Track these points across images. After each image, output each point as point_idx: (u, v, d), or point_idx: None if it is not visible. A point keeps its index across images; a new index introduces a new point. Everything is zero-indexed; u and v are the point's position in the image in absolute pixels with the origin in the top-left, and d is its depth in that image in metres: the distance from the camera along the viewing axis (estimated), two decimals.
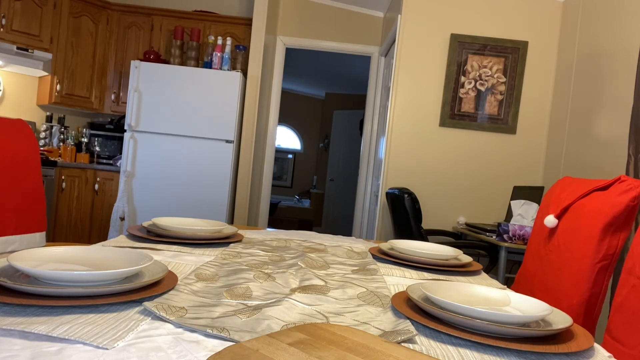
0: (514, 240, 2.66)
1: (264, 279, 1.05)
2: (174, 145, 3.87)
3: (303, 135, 9.04)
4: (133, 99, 3.82)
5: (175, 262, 1.12)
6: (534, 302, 0.90)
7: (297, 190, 9.08)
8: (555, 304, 1.34)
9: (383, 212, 3.78)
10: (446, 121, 3.66)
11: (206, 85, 3.87)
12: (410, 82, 3.69)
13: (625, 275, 1.09)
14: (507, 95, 3.63)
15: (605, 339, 1.09)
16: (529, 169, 3.67)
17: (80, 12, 4.19)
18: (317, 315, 0.83)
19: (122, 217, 3.82)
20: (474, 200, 3.68)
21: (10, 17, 3.75)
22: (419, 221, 3.05)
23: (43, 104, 4.24)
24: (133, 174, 3.86)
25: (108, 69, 4.39)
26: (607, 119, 2.85)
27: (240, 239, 1.50)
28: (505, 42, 3.62)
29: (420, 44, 3.68)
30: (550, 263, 1.45)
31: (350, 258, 1.40)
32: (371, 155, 4.60)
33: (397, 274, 1.25)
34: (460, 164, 3.68)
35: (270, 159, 4.71)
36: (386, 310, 0.90)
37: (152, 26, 4.37)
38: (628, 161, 2.48)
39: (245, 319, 0.77)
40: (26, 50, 3.82)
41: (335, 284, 1.07)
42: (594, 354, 0.76)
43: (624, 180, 1.27)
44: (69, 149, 4.18)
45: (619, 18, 2.84)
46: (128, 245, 1.24)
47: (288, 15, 4.62)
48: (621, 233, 1.26)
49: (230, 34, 4.34)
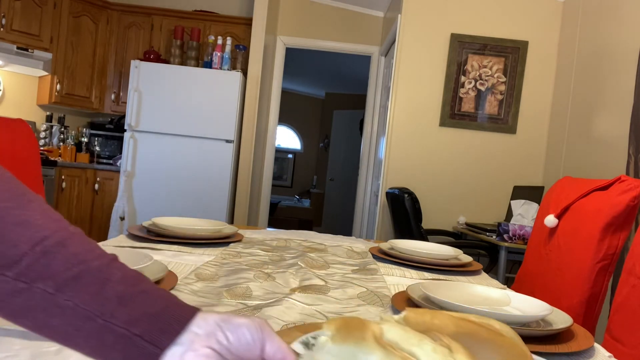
0: (514, 240, 2.66)
1: (264, 278, 1.05)
2: (174, 145, 3.87)
3: (303, 135, 9.04)
4: (133, 99, 3.82)
5: (175, 262, 1.12)
6: (534, 302, 0.90)
7: (297, 190, 9.08)
8: (556, 304, 1.34)
9: (383, 212, 3.78)
10: (446, 121, 3.66)
11: (206, 85, 3.86)
12: (410, 82, 3.69)
13: (625, 275, 1.09)
14: (507, 95, 3.63)
15: (605, 339, 1.09)
16: (529, 169, 3.67)
17: (80, 12, 4.19)
18: (317, 315, 0.83)
19: (122, 217, 3.82)
20: (474, 200, 3.68)
21: (10, 17, 3.75)
22: (419, 221, 3.05)
23: (43, 104, 4.24)
24: (133, 173, 3.86)
25: (108, 68, 4.39)
26: (607, 118, 2.85)
27: (240, 238, 1.50)
28: (505, 42, 3.62)
29: (420, 44, 3.68)
30: (550, 263, 1.45)
31: (350, 258, 1.40)
32: (371, 155, 4.60)
33: (397, 273, 1.25)
34: (460, 164, 3.68)
35: (270, 159, 4.71)
36: (386, 310, 0.90)
37: (152, 26, 4.37)
38: (628, 161, 2.48)
39: None
40: (26, 50, 3.82)
41: (336, 283, 1.07)
42: (594, 353, 0.76)
43: (624, 180, 1.27)
44: (69, 149, 4.18)
45: (619, 18, 2.84)
46: (128, 245, 1.24)
47: (288, 15, 4.61)
48: (621, 233, 1.26)
49: (230, 33, 4.34)
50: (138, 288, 0.43)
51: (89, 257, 0.42)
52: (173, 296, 0.44)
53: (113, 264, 0.44)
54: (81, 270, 0.41)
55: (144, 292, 0.42)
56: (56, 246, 0.41)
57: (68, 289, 0.40)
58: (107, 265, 0.43)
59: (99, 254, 0.44)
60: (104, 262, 0.43)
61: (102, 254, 0.44)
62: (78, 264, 0.41)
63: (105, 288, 0.41)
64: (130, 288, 0.42)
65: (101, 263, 0.43)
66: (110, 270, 0.42)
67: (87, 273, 0.41)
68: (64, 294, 0.40)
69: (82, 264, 0.41)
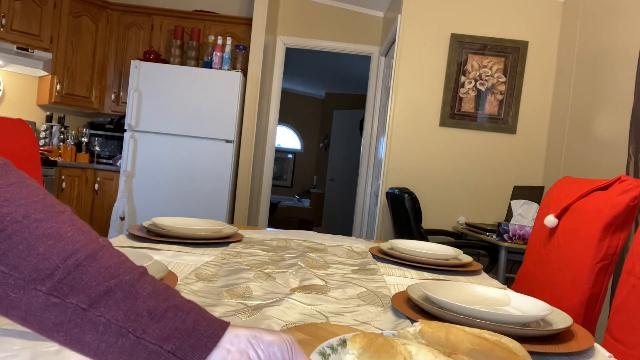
0: (514, 240, 2.66)
1: (264, 278, 1.05)
2: (174, 145, 3.87)
3: (303, 135, 9.04)
4: (133, 99, 3.82)
5: (175, 262, 1.12)
6: (534, 302, 0.90)
7: (297, 190, 9.07)
8: (555, 304, 1.34)
9: (383, 212, 3.78)
10: (446, 121, 3.66)
11: (206, 85, 3.86)
12: (410, 82, 3.69)
13: (625, 275, 1.09)
14: (507, 95, 3.63)
15: (605, 339, 1.09)
16: (529, 169, 3.67)
17: (80, 12, 4.19)
18: (317, 315, 0.83)
19: (122, 217, 3.82)
20: (474, 200, 3.68)
21: (10, 17, 3.75)
22: (419, 221, 3.05)
23: (43, 104, 4.24)
24: (133, 173, 3.86)
25: (108, 68, 4.39)
26: (607, 118, 2.85)
27: (240, 238, 1.50)
28: (505, 42, 3.62)
29: (420, 44, 3.68)
30: (550, 263, 1.45)
31: (350, 258, 1.40)
32: (371, 155, 4.60)
33: (397, 273, 1.25)
34: (460, 164, 3.68)
35: (270, 159, 4.71)
36: (386, 310, 0.90)
37: (152, 26, 4.37)
38: (628, 161, 2.48)
39: (245, 318, 0.77)
40: (26, 50, 3.82)
41: (336, 283, 1.07)
42: (594, 353, 0.76)
43: (624, 180, 1.27)
44: (69, 149, 4.18)
45: (619, 18, 2.84)
46: (128, 245, 1.24)
47: (288, 15, 4.61)
48: (621, 233, 1.26)
49: (230, 33, 4.34)
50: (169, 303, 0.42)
51: (121, 271, 0.42)
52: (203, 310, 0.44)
53: (143, 278, 0.43)
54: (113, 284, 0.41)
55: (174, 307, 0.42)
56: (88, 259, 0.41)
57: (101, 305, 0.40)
58: (138, 279, 0.43)
59: (130, 266, 0.43)
60: (134, 275, 0.43)
61: (132, 266, 0.44)
62: (110, 278, 0.41)
63: (137, 303, 0.41)
64: (161, 303, 0.42)
65: (132, 277, 0.42)
66: (141, 284, 0.42)
67: (119, 287, 0.41)
68: (97, 310, 0.40)
69: (113, 277, 0.41)
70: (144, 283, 0.43)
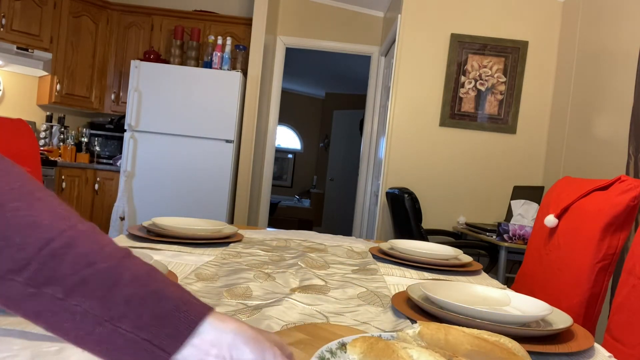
0: (514, 240, 2.66)
1: (264, 278, 1.05)
2: (174, 145, 3.87)
3: (303, 135, 9.04)
4: (133, 99, 3.82)
5: (175, 262, 1.12)
6: (534, 302, 0.90)
7: (297, 190, 9.07)
8: (555, 304, 1.34)
9: (383, 212, 3.78)
10: (446, 121, 3.66)
11: (206, 85, 3.86)
12: (410, 82, 3.69)
13: (625, 275, 1.09)
14: (507, 95, 3.63)
15: (605, 339, 1.09)
16: (529, 168, 3.67)
17: (80, 12, 4.19)
18: (317, 315, 0.83)
19: (122, 217, 3.82)
20: (474, 200, 3.68)
21: (10, 17, 3.75)
22: (419, 221, 3.05)
23: (43, 104, 4.24)
24: (133, 173, 3.86)
25: (108, 68, 4.39)
26: (607, 118, 2.85)
27: (240, 238, 1.50)
28: (505, 42, 3.62)
29: (420, 44, 3.68)
30: (551, 263, 1.45)
31: (350, 258, 1.40)
32: (371, 155, 4.60)
33: (397, 273, 1.25)
34: (460, 164, 3.68)
35: (270, 159, 4.71)
36: (386, 310, 0.90)
37: (152, 26, 4.37)
38: (628, 161, 2.48)
39: (245, 318, 0.77)
40: (26, 50, 3.82)
41: (336, 283, 1.07)
42: (594, 353, 0.76)
43: (624, 180, 1.27)
44: (69, 149, 4.18)
45: (619, 18, 2.84)
46: (128, 245, 1.24)
47: (288, 15, 4.62)
48: (621, 233, 1.26)
49: (230, 33, 4.34)
50: (148, 288, 0.42)
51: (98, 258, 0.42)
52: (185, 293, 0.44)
53: (123, 263, 0.43)
54: (89, 273, 0.41)
55: (153, 293, 0.42)
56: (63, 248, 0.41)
57: (76, 294, 0.40)
58: (117, 265, 0.42)
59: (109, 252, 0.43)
60: (112, 262, 0.42)
61: (112, 252, 0.43)
62: (86, 267, 0.41)
63: (113, 291, 0.41)
64: (140, 289, 0.42)
65: (110, 264, 0.42)
66: (119, 271, 0.42)
67: (95, 276, 0.41)
68: (73, 299, 0.40)
69: (89, 266, 0.41)
70: (123, 269, 0.42)
